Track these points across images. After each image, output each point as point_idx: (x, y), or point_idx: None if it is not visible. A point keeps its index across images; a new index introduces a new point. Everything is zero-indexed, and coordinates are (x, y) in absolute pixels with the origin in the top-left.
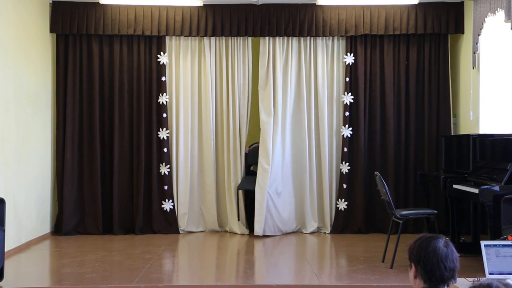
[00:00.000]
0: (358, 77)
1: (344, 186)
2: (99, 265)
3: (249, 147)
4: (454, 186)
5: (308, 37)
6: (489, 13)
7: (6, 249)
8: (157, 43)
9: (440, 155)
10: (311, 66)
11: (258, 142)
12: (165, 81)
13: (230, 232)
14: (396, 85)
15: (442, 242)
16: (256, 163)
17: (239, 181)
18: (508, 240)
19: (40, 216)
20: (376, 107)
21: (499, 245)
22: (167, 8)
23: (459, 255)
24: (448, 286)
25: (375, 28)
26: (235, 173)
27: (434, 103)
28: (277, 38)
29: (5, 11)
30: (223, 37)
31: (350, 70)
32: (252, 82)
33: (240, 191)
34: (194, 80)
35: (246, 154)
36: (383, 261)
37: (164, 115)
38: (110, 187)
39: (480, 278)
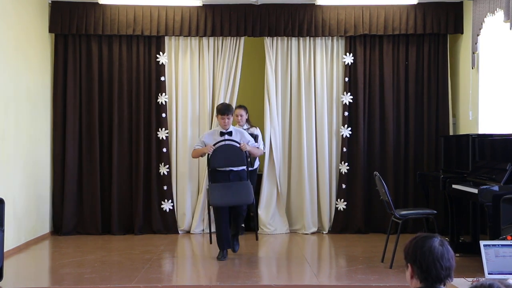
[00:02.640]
0: (357, 77)
1: (343, 186)
2: (98, 265)
3: (214, 144)
4: (454, 186)
5: (308, 37)
6: (488, 13)
7: (5, 249)
8: (157, 43)
9: (439, 155)
10: (311, 66)
11: (223, 140)
12: (164, 81)
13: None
14: (395, 85)
15: (437, 241)
16: (220, 165)
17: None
18: (507, 240)
19: (39, 216)
20: (376, 107)
21: (499, 245)
22: (166, 8)
23: (458, 255)
24: (444, 285)
25: (375, 28)
26: None
27: (433, 103)
28: (276, 38)
29: (4, 11)
30: (222, 37)
31: (350, 70)
32: (251, 82)
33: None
34: (193, 80)
35: (208, 154)
36: (382, 261)
37: (163, 115)
38: (109, 187)
39: (480, 278)
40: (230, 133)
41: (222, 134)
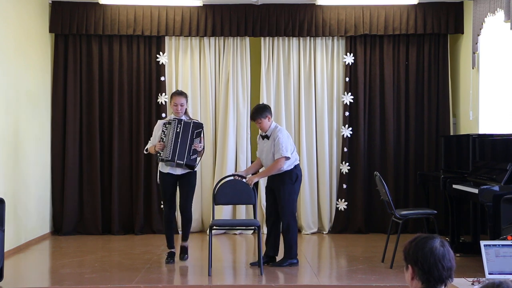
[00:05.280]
0: (358, 77)
1: (344, 186)
2: (98, 265)
3: (218, 182)
4: (454, 186)
5: (308, 37)
6: (488, 13)
7: (5, 249)
8: (157, 43)
9: (439, 155)
10: (311, 66)
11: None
12: (164, 81)
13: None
14: (395, 85)
15: (438, 242)
16: (225, 203)
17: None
18: (507, 240)
19: (40, 216)
20: (376, 107)
21: (499, 245)
22: (166, 8)
23: (458, 255)
24: (446, 285)
25: (375, 28)
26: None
27: (433, 103)
28: (276, 38)
29: (4, 11)
30: (223, 37)
31: (350, 70)
32: (251, 82)
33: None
34: (193, 80)
35: (215, 188)
36: (382, 261)
37: (163, 115)
38: (109, 187)
39: (480, 279)
40: (267, 137)
41: (262, 137)
